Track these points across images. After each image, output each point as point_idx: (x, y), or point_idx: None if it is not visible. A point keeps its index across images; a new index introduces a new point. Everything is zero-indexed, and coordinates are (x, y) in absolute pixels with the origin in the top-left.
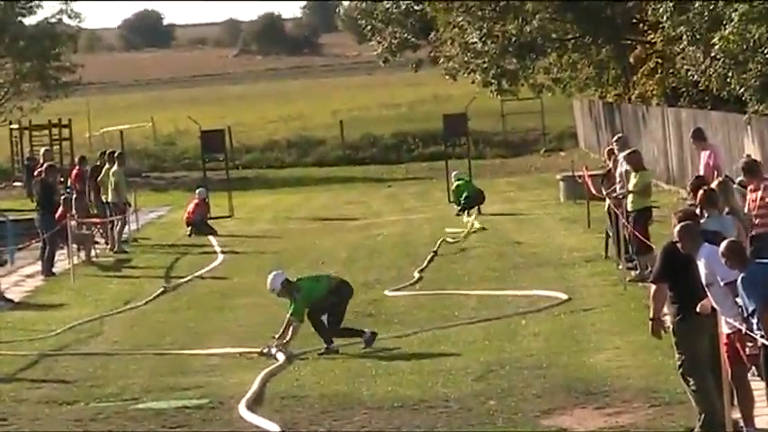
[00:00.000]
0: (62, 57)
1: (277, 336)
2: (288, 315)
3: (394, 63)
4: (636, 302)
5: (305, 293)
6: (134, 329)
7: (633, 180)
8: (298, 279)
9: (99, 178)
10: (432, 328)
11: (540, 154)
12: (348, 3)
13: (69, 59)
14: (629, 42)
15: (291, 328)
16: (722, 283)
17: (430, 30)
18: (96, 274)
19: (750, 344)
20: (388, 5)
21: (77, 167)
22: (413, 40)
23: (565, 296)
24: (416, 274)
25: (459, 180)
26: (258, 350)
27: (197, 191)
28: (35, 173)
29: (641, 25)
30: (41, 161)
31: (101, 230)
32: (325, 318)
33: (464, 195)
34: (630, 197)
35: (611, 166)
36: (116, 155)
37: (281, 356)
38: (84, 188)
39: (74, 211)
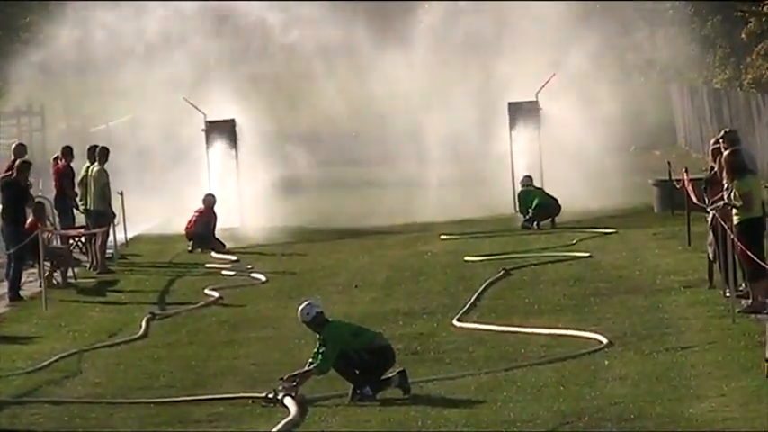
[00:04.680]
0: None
1: (285, 377)
2: (309, 360)
3: None
4: (747, 339)
5: (336, 344)
6: (121, 369)
7: (733, 189)
8: (333, 322)
9: (79, 180)
10: (492, 370)
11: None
12: None
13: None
14: (740, 14)
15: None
16: None
17: None
18: (74, 299)
19: None
20: None
21: (61, 161)
22: None
23: (605, 340)
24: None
25: (527, 186)
26: (263, 395)
27: (204, 197)
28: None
29: None
30: (12, 157)
31: (81, 245)
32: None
33: (534, 204)
34: (734, 209)
35: (716, 168)
36: (98, 150)
37: (289, 402)
38: (70, 188)
39: (56, 219)
